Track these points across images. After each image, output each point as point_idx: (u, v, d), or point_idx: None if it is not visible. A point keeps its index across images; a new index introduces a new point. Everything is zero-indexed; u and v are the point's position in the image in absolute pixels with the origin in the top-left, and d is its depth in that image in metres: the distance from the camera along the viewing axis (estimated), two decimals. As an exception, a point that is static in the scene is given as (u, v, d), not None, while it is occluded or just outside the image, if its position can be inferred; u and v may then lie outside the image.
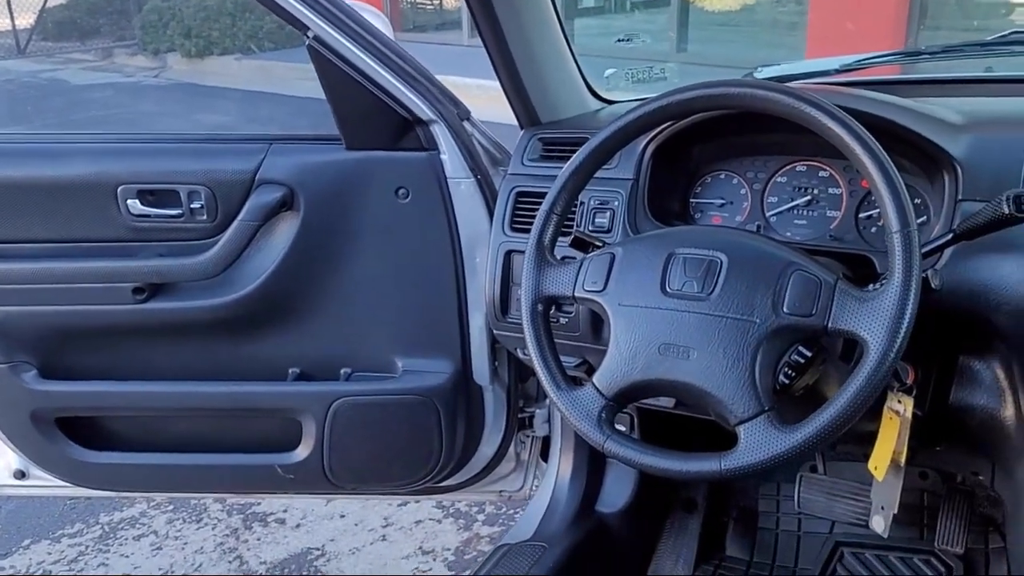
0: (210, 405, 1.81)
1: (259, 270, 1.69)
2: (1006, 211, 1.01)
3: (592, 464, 1.93)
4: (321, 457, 1.78)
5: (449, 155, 1.69)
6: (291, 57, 9.20)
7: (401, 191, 1.70)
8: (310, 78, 1.64)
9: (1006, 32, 1.60)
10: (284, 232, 1.69)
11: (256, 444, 1.83)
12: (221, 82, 9.87)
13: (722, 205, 1.51)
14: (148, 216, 1.67)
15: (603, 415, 1.09)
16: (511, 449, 1.97)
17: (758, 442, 0.98)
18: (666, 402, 1.53)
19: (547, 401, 1.99)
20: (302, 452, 1.79)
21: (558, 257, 1.24)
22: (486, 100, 1.70)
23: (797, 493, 1.82)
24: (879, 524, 1.29)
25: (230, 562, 2.56)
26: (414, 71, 1.64)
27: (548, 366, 1.15)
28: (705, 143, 1.51)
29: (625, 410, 1.82)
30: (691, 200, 1.54)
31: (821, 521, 1.99)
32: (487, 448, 1.91)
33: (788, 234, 1.43)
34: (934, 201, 1.30)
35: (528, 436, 2.01)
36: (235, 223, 1.65)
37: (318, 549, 2.60)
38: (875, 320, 0.96)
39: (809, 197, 1.44)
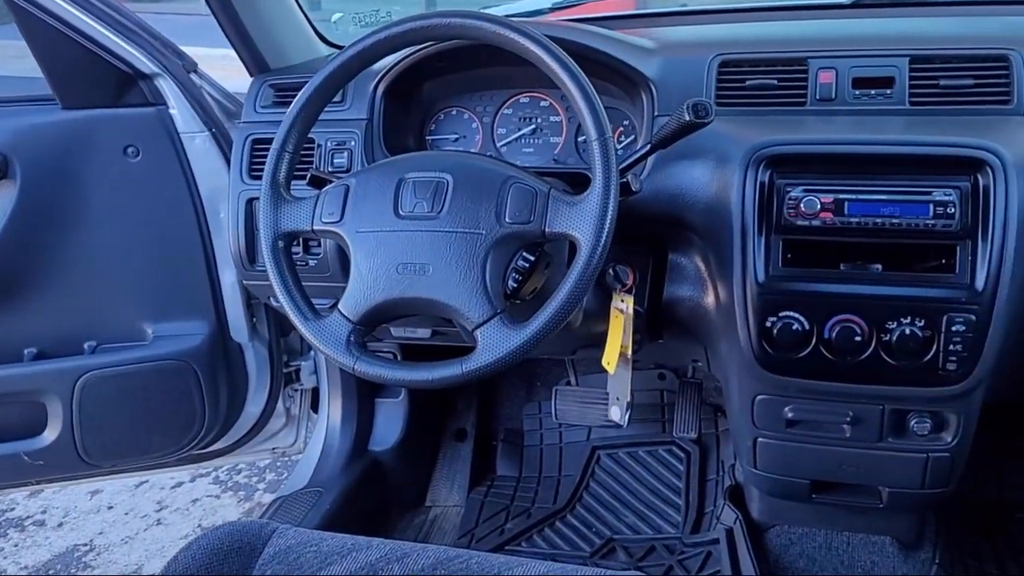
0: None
1: (-27, 246, 1.56)
2: (687, 118, 1.15)
3: (362, 408, 1.97)
4: (72, 438, 1.69)
5: (179, 109, 1.64)
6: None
7: (130, 150, 1.63)
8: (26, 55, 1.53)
9: None
10: (0, 203, 1.57)
11: (-6, 433, 1.70)
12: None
13: (456, 139, 1.59)
14: None
15: (351, 338, 1.13)
16: (280, 405, 1.96)
17: (494, 342, 1.06)
18: (423, 333, 1.59)
19: (312, 353, 2.00)
20: (49, 435, 1.69)
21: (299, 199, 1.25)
22: (235, 71, 1.65)
23: (554, 406, 1.97)
24: (616, 414, 1.43)
25: (-17, 574, 2.37)
26: (130, 23, 1.57)
27: (293, 299, 1.17)
28: (435, 80, 1.57)
29: (388, 350, 1.88)
30: (427, 137, 1.60)
31: (580, 431, 2.16)
32: (253, 407, 1.89)
33: (519, 161, 1.52)
34: (637, 119, 1.45)
35: (296, 390, 2.01)
36: None
37: (86, 544, 2.45)
38: (583, 220, 1.06)
39: (534, 126, 1.55)
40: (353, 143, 1.47)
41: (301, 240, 1.48)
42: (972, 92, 1.27)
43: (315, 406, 2.06)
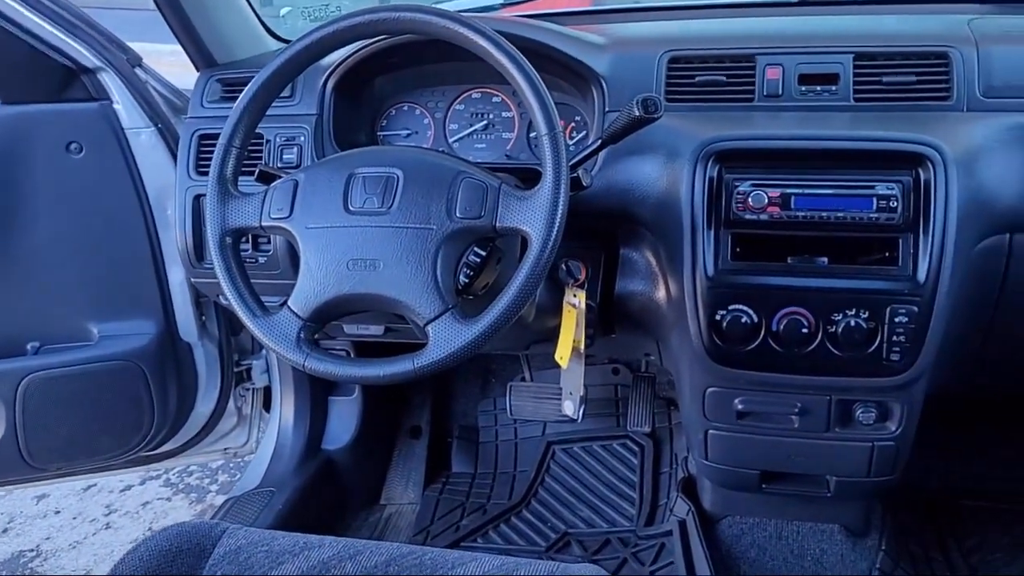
0: None
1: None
2: (637, 113, 1.16)
3: (315, 407, 1.95)
4: (16, 441, 1.65)
5: (123, 104, 1.60)
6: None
7: (73, 146, 1.59)
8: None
9: None
10: None
11: (-66, 438, 1.66)
12: None
13: (408, 135, 1.58)
14: None
15: (301, 335, 1.11)
16: (231, 404, 1.93)
17: (446, 337, 1.06)
18: (376, 330, 1.59)
19: (264, 351, 1.97)
20: (-9, 438, 1.65)
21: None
22: (181, 68, 1.62)
23: (508, 402, 1.97)
24: (569, 408, 1.43)
25: (-80, 586, 2.30)
26: (72, 17, 1.53)
27: (242, 295, 1.15)
28: (386, 75, 1.56)
29: (342, 348, 1.86)
30: (378, 133, 1.59)
31: (535, 426, 2.17)
32: (204, 407, 1.86)
33: (471, 157, 1.52)
34: (589, 115, 1.45)
35: (248, 389, 1.99)
36: None
37: (32, 550, 2.39)
38: (534, 214, 1.06)
39: (486, 122, 1.55)
40: (303, 139, 1.45)
41: (250, 237, 1.47)
42: (914, 88, 1.29)
43: (267, 405, 2.03)
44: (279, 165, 1.45)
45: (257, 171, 1.26)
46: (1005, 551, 1.74)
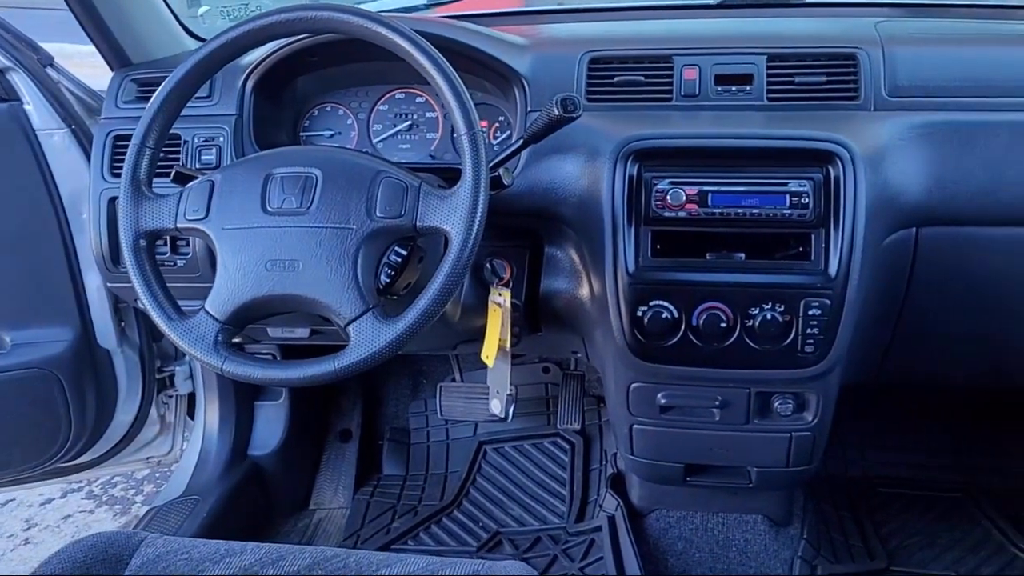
0: None
1: None
2: (556, 113, 1.17)
3: (241, 412, 1.92)
4: None
5: (34, 105, 1.55)
6: None
7: None
8: None
9: None
10: None
11: None
12: None
13: (331, 136, 1.56)
14: None
15: (219, 338, 1.09)
16: (153, 412, 1.88)
17: (367, 337, 1.05)
18: (302, 333, 1.57)
19: (188, 357, 1.93)
20: None
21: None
22: (103, 69, 1.57)
23: (439, 403, 1.97)
24: (497, 407, 1.44)
25: None
26: None
27: (156, 299, 1.13)
28: (308, 75, 1.55)
29: (268, 351, 1.84)
30: (300, 133, 1.57)
31: (467, 427, 2.17)
32: (124, 415, 1.81)
33: (395, 158, 1.51)
34: (512, 114, 1.46)
35: (171, 396, 1.94)
36: None
37: (-56, 569, 2.30)
38: (454, 213, 1.07)
39: (410, 122, 1.54)
40: (222, 139, 1.43)
41: (168, 240, 1.44)
42: (824, 88, 1.33)
43: (192, 412, 1.99)
44: (198, 166, 1.42)
45: (173, 172, 1.24)
46: (921, 535, 1.80)
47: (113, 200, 1.45)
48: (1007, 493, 1.89)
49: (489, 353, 1.37)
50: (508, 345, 1.38)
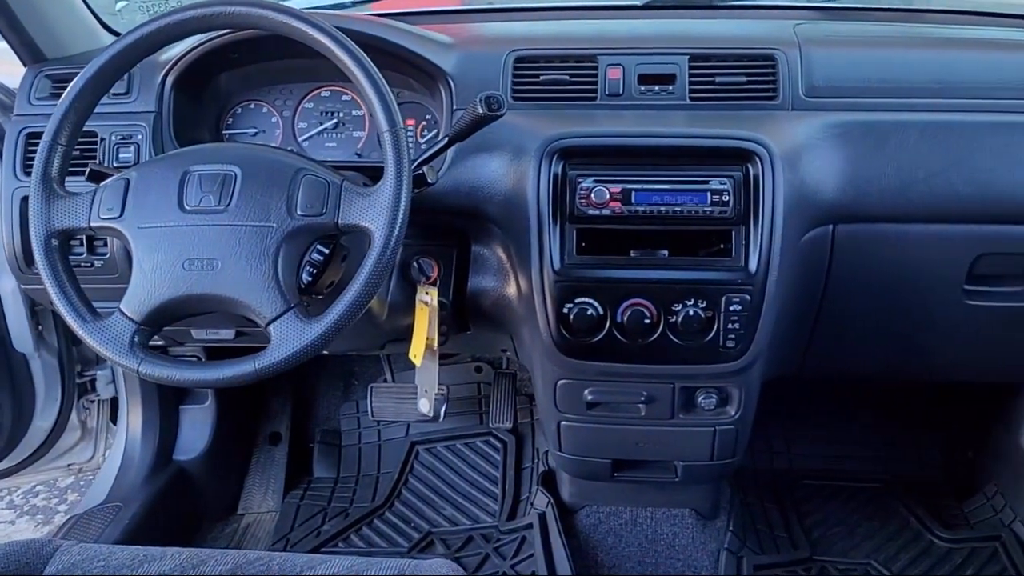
0: None
1: None
2: (480, 111, 1.17)
3: (165, 416, 1.87)
4: None
5: None
6: None
7: None
8: None
9: None
10: None
11: None
12: None
13: (256, 134, 1.54)
14: None
15: (135, 339, 1.07)
16: (74, 418, 1.84)
17: (288, 336, 1.04)
18: (226, 334, 1.54)
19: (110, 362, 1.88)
20: None
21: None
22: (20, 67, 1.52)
23: (370, 404, 1.95)
24: (425, 406, 1.43)
25: None
26: None
27: (70, 299, 1.10)
28: (231, 72, 1.52)
29: (193, 354, 1.80)
30: (223, 131, 1.54)
31: (399, 427, 2.16)
32: (43, 421, 1.76)
33: (321, 156, 1.50)
34: (438, 113, 1.46)
35: (93, 401, 1.89)
36: None
37: None
38: (376, 211, 1.06)
39: (336, 120, 1.53)
40: (140, 137, 1.39)
41: (84, 239, 1.40)
42: (744, 88, 1.36)
43: (116, 417, 1.94)
44: (115, 164, 1.38)
45: (88, 170, 1.21)
46: (843, 525, 1.86)
47: (25, 199, 1.40)
48: (924, 483, 1.96)
49: (416, 352, 1.37)
50: (436, 344, 1.38)
